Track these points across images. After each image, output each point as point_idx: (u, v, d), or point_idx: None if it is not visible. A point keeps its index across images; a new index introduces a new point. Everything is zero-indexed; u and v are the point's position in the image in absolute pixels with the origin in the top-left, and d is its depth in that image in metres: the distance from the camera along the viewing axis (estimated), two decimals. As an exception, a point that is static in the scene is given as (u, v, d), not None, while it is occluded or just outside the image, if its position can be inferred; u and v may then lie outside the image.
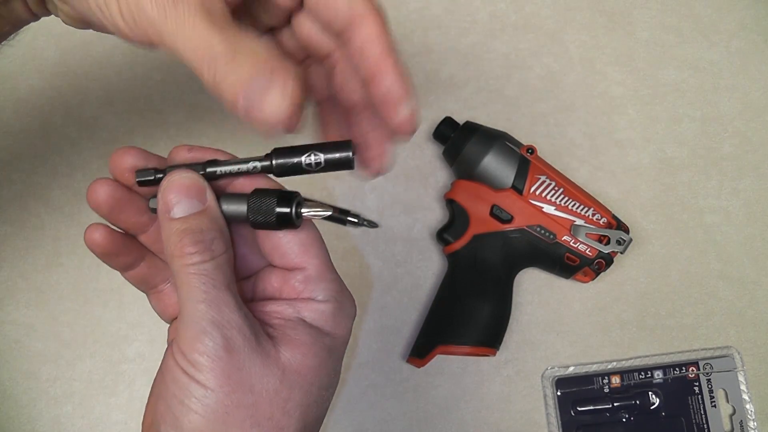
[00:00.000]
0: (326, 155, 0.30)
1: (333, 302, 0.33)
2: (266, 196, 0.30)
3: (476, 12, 0.62)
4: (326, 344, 0.32)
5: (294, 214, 0.30)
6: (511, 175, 0.53)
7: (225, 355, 0.28)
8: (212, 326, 0.28)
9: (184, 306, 0.29)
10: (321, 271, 0.33)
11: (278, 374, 0.29)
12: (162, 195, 0.30)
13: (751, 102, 0.60)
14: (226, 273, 0.30)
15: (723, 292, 0.57)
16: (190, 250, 0.29)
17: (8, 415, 0.55)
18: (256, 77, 0.26)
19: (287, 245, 0.32)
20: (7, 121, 0.59)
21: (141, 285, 0.36)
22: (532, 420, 0.55)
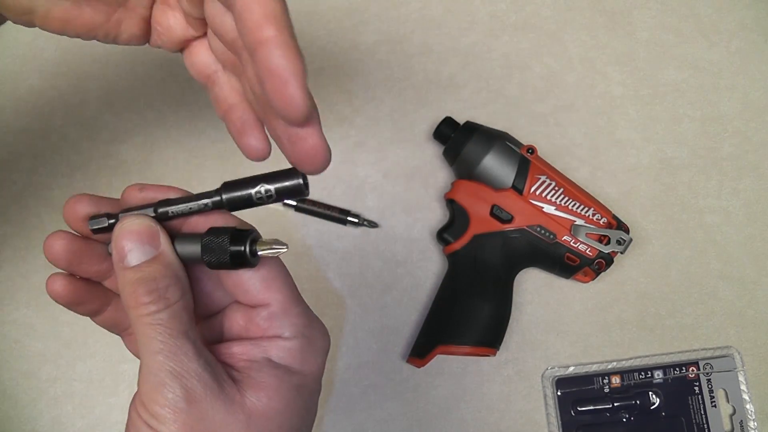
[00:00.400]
0: (276, 185, 0.29)
1: (300, 338, 0.31)
2: (219, 236, 0.29)
3: (476, 12, 0.62)
4: (294, 384, 0.31)
5: (248, 253, 0.29)
6: (511, 175, 0.53)
7: (186, 407, 0.27)
8: (171, 377, 0.27)
9: (143, 358, 0.28)
10: (286, 306, 0.31)
11: (243, 420, 0.28)
12: (115, 243, 0.30)
13: (751, 102, 0.60)
14: (183, 320, 0.29)
15: (723, 292, 0.57)
16: (144, 300, 0.28)
17: (8, 415, 0.55)
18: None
19: (248, 282, 0.31)
20: (7, 121, 0.59)
21: (112, 329, 0.35)
22: (532, 420, 0.55)
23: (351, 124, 0.60)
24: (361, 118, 0.60)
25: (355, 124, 0.60)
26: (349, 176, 0.59)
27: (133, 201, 0.32)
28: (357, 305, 0.57)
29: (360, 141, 0.60)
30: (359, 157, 0.59)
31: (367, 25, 0.62)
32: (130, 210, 0.31)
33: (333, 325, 0.57)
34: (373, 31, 0.61)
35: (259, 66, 0.24)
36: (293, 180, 0.29)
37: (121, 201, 0.32)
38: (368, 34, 0.61)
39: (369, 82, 0.61)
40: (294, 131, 0.26)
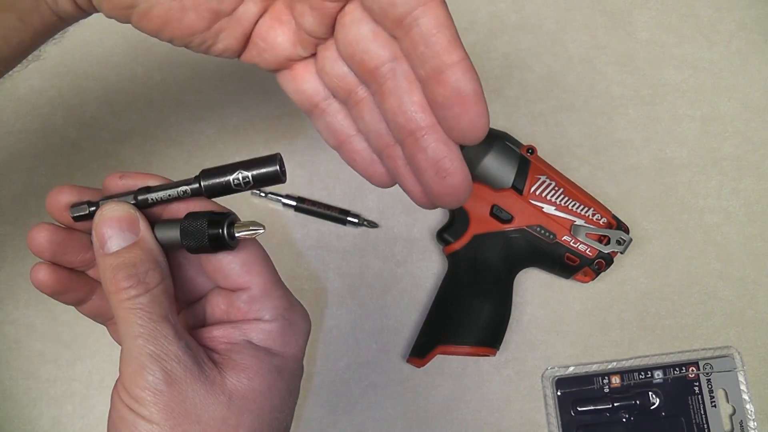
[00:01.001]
0: (253, 172, 0.29)
1: (281, 320, 0.32)
2: (197, 220, 0.30)
3: (476, 12, 0.62)
4: (275, 365, 0.31)
5: (226, 236, 0.30)
6: (511, 175, 0.53)
7: (166, 389, 0.28)
8: (151, 360, 0.28)
9: (123, 341, 0.29)
10: (266, 289, 0.32)
11: (224, 401, 0.29)
12: (95, 229, 0.30)
13: (751, 102, 0.60)
14: (163, 304, 0.29)
15: (723, 292, 0.57)
16: (123, 284, 0.29)
17: (8, 415, 0.55)
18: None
19: (228, 266, 0.31)
20: (7, 121, 0.59)
21: (97, 318, 0.35)
22: (532, 420, 0.55)
23: (351, 124, 0.60)
24: (361, 118, 0.60)
25: (355, 124, 0.60)
26: (349, 176, 0.59)
27: (114, 189, 0.32)
28: (357, 305, 0.57)
29: (360, 141, 0.60)
30: (359, 157, 0.59)
31: (367, 25, 0.61)
32: (110, 198, 0.31)
33: (333, 325, 0.57)
34: (373, 31, 0.61)
35: (445, 89, 0.26)
36: (270, 167, 0.29)
37: (103, 189, 0.33)
38: (368, 34, 0.61)
39: (369, 82, 0.61)
40: (442, 165, 0.28)
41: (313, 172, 0.59)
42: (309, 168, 0.59)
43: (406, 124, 0.29)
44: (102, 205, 0.31)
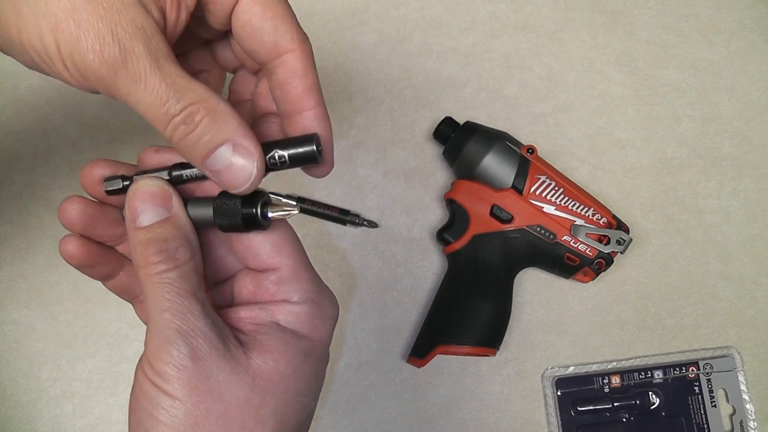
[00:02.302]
0: (290, 152, 0.29)
1: (309, 303, 0.32)
2: (231, 199, 0.30)
3: (476, 12, 0.62)
4: (301, 348, 0.31)
5: (260, 215, 0.30)
6: (511, 175, 0.53)
7: (191, 364, 0.27)
8: (177, 335, 0.27)
9: (150, 316, 0.28)
10: (295, 271, 0.32)
11: (248, 381, 0.28)
12: (128, 204, 0.30)
13: (751, 102, 0.60)
14: (192, 281, 0.29)
15: (723, 292, 0.57)
16: (154, 259, 0.29)
17: (8, 415, 0.55)
18: (225, 144, 0.28)
19: (259, 246, 0.31)
20: (7, 121, 0.59)
21: (123, 295, 0.35)
22: (532, 420, 0.55)
23: (351, 124, 0.60)
24: (361, 118, 0.60)
25: (355, 124, 0.60)
26: (349, 176, 0.59)
27: (149, 163, 0.32)
28: (357, 305, 0.57)
29: (360, 141, 0.60)
30: (359, 157, 0.59)
31: (367, 25, 0.62)
32: (144, 173, 0.31)
33: (333, 325, 0.57)
34: (373, 31, 0.61)
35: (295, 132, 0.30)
36: (307, 146, 0.29)
37: (138, 163, 0.33)
38: (368, 34, 0.61)
39: (369, 82, 0.61)
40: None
41: (313, 172, 0.59)
42: (309, 168, 0.59)
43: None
44: (136, 179, 0.31)
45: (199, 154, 0.28)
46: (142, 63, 0.26)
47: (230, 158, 0.28)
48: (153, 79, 0.26)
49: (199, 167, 0.29)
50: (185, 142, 0.27)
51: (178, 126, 0.27)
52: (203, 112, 0.27)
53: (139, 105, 0.27)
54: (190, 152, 0.28)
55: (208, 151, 0.28)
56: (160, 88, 0.26)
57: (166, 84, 0.26)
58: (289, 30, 0.29)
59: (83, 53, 0.25)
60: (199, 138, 0.27)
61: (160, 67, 0.26)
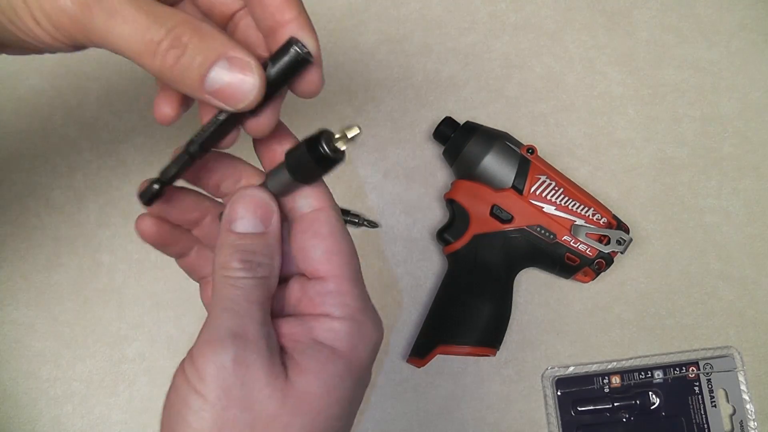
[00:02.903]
0: (277, 64, 0.27)
1: (350, 321, 0.30)
2: (296, 151, 0.29)
3: (476, 12, 0.62)
4: (338, 370, 0.29)
5: (329, 150, 0.29)
6: (511, 175, 0.53)
7: (231, 367, 0.27)
8: (228, 335, 0.27)
9: (211, 311, 0.28)
10: (341, 284, 0.31)
11: (279, 398, 0.27)
12: (230, 205, 0.30)
13: (751, 102, 0.60)
14: (263, 294, 0.29)
15: (723, 292, 0.57)
16: (236, 265, 0.29)
17: (8, 415, 0.55)
18: (221, 60, 0.26)
19: (311, 249, 0.31)
20: (7, 121, 0.59)
21: (191, 274, 0.36)
22: (532, 420, 0.55)
23: (351, 124, 0.60)
24: (361, 118, 0.60)
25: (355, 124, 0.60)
26: (349, 176, 0.59)
27: None
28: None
29: (360, 141, 0.60)
30: (359, 157, 0.59)
31: (367, 25, 0.62)
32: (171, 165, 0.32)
33: (333, 325, 0.57)
34: (373, 31, 0.61)
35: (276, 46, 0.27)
36: (290, 51, 0.27)
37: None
38: (368, 34, 0.61)
39: (369, 82, 0.61)
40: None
41: (313, 172, 0.59)
42: (309, 168, 0.59)
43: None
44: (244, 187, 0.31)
45: (194, 77, 0.26)
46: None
47: (227, 73, 0.26)
48: (129, 9, 0.25)
49: (196, 94, 0.27)
50: (178, 68, 0.26)
51: (166, 53, 0.25)
52: (189, 33, 0.26)
53: (120, 41, 0.25)
54: (185, 78, 0.26)
55: (204, 71, 0.26)
56: (139, 16, 0.25)
57: (144, 12, 0.25)
58: None
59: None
60: (191, 60, 0.26)
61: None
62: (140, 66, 0.26)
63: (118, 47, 0.26)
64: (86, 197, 0.58)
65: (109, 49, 0.26)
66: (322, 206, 0.31)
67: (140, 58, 0.26)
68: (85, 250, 0.57)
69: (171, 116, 0.31)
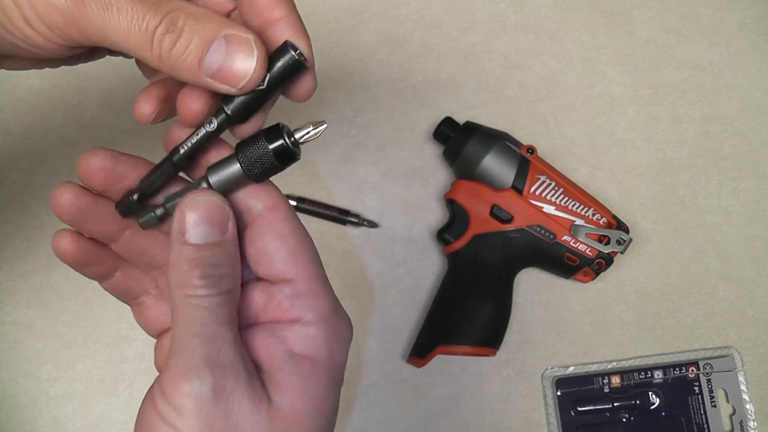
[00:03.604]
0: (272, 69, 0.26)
1: (323, 324, 0.29)
2: (253, 143, 0.27)
3: (476, 12, 0.62)
4: (320, 381, 0.28)
5: (291, 144, 0.27)
6: (511, 175, 0.53)
7: (212, 400, 0.25)
8: (204, 363, 0.25)
9: (176, 339, 0.26)
10: (311, 285, 0.29)
11: (266, 422, 0.26)
12: (180, 212, 0.27)
13: (751, 102, 0.60)
14: (230, 310, 0.27)
15: (723, 292, 0.57)
16: (197, 282, 0.26)
17: (8, 415, 0.55)
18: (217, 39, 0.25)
19: (274, 252, 0.28)
20: (7, 121, 0.59)
21: (121, 296, 0.33)
22: (532, 420, 0.55)
23: (351, 124, 0.60)
24: (361, 118, 0.60)
25: (355, 124, 0.60)
26: (349, 176, 0.59)
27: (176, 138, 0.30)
28: (357, 305, 0.57)
29: (360, 141, 0.60)
30: (359, 157, 0.59)
31: (367, 25, 0.62)
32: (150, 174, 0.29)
33: (333, 325, 0.57)
34: (373, 31, 0.61)
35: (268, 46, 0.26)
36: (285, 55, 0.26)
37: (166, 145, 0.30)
38: (368, 34, 0.61)
39: (369, 82, 0.61)
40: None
41: (313, 172, 0.59)
42: (309, 168, 0.59)
43: None
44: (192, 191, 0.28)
45: (192, 61, 0.25)
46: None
47: (226, 52, 0.25)
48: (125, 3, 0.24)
49: (195, 79, 0.26)
50: (174, 52, 0.25)
51: (162, 38, 0.25)
52: (184, 16, 0.25)
53: (117, 34, 0.25)
54: (183, 63, 0.25)
55: (202, 53, 0.25)
56: (133, 5, 0.24)
57: (139, 1, 0.24)
58: None
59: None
60: (188, 42, 0.25)
61: None
62: (140, 59, 0.25)
63: (115, 41, 0.25)
64: (86, 197, 0.58)
65: (106, 45, 0.25)
66: (277, 204, 0.29)
67: (139, 50, 0.25)
68: (85, 250, 0.57)
69: (149, 114, 0.30)
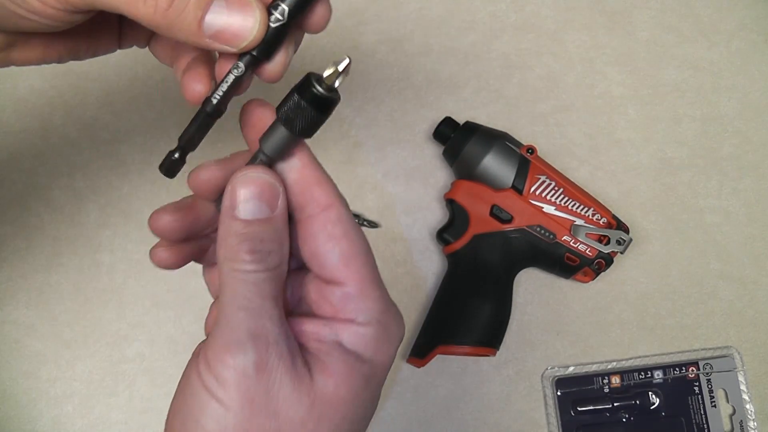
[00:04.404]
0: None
1: (375, 325, 0.29)
2: (288, 101, 0.27)
3: (476, 12, 0.62)
4: (364, 373, 0.28)
5: (324, 90, 0.27)
6: (511, 175, 0.53)
7: (254, 374, 0.25)
8: (248, 338, 0.25)
9: (223, 311, 0.26)
10: (363, 288, 0.29)
11: (307, 403, 0.26)
12: (232, 188, 0.27)
13: (751, 102, 0.60)
14: (276, 286, 0.27)
15: (723, 292, 0.57)
16: (245, 257, 0.26)
17: (8, 415, 0.55)
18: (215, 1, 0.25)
19: (326, 255, 0.29)
20: (7, 121, 0.59)
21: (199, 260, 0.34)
22: (532, 420, 0.55)
23: (351, 124, 0.60)
24: (361, 118, 0.60)
25: (355, 124, 0.60)
26: (349, 176, 0.59)
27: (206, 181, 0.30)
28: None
29: (360, 141, 0.60)
30: (359, 157, 0.59)
31: (367, 25, 0.62)
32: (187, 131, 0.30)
33: (333, 325, 0.57)
34: (373, 31, 0.61)
35: None
36: None
37: (193, 187, 0.31)
38: (368, 34, 0.61)
39: (369, 82, 0.61)
40: None
41: (313, 172, 0.59)
42: (309, 168, 0.59)
43: None
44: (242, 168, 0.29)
45: (191, 21, 0.25)
46: None
47: (226, 12, 0.25)
48: None
49: (195, 39, 0.26)
50: (172, 11, 0.25)
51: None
52: None
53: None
54: (182, 23, 0.25)
55: (202, 12, 0.25)
56: None
57: None
58: None
59: None
60: (186, 2, 0.25)
61: None
62: (133, 17, 0.25)
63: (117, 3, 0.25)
64: (86, 197, 0.58)
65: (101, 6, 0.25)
66: (331, 203, 0.30)
67: (130, 7, 0.25)
68: (85, 250, 0.57)
69: (203, 93, 0.29)
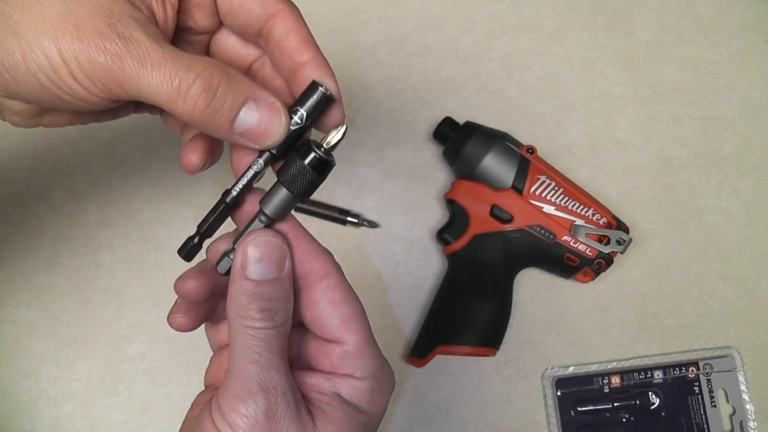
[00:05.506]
0: (304, 106, 0.30)
1: (371, 379, 0.32)
2: (289, 166, 0.30)
3: (476, 12, 0.62)
4: (361, 422, 0.31)
5: (323, 154, 0.30)
6: (511, 175, 0.53)
7: (264, 422, 0.28)
8: (258, 389, 0.28)
9: (234, 363, 0.29)
10: (360, 347, 0.32)
11: None
12: (242, 250, 0.30)
13: (751, 102, 0.60)
14: (283, 341, 0.30)
15: (723, 292, 0.57)
16: (255, 315, 0.29)
17: (8, 415, 0.55)
18: (248, 101, 0.28)
19: (327, 319, 0.32)
20: (7, 121, 0.59)
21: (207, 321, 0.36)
22: (532, 420, 0.55)
23: (351, 124, 0.60)
24: (361, 118, 0.60)
25: (355, 124, 0.60)
26: (349, 176, 0.59)
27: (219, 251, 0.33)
28: (357, 305, 0.57)
29: (360, 141, 0.60)
30: (359, 157, 0.59)
31: (367, 25, 0.62)
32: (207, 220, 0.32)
33: (333, 325, 0.57)
34: (373, 31, 0.61)
35: (299, 84, 0.30)
36: (315, 93, 0.30)
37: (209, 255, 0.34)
38: (368, 34, 0.61)
39: (369, 82, 0.61)
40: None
41: (313, 172, 0.59)
42: (309, 168, 0.59)
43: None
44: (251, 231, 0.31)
45: (225, 119, 0.28)
46: (143, 45, 0.26)
47: (256, 114, 0.28)
48: (157, 55, 0.26)
49: (226, 135, 0.29)
50: (210, 111, 0.27)
51: (197, 97, 0.27)
52: (218, 76, 0.27)
53: (151, 88, 0.27)
54: (216, 120, 0.28)
55: (235, 113, 0.28)
56: (167, 63, 0.26)
57: (171, 58, 0.26)
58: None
59: (86, 51, 0.26)
60: (222, 102, 0.27)
61: (161, 46, 0.27)
62: (171, 112, 0.28)
63: (148, 95, 0.27)
64: (86, 197, 0.58)
65: (141, 98, 0.27)
66: (330, 272, 0.33)
67: (171, 104, 0.27)
68: (85, 250, 0.57)
69: (197, 164, 0.33)
